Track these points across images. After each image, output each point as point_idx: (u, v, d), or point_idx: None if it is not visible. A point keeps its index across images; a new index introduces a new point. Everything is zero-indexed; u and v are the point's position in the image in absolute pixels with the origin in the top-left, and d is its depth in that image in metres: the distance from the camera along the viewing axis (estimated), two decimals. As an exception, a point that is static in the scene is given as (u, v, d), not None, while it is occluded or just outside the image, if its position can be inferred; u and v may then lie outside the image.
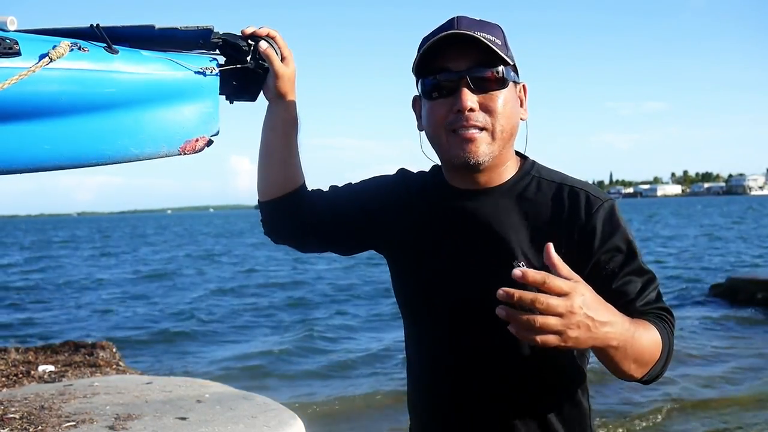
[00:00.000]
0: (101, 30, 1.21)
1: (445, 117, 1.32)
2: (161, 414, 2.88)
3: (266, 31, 1.38)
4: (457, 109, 1.30)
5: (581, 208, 1.33)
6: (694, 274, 16.81)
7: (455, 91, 1.30)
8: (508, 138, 1.35)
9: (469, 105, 1.29)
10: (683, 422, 6.08)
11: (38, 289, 18.18)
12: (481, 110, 1.31)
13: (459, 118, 1.30)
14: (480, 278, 1.35)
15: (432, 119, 1.35)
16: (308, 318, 12.21)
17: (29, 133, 1.15)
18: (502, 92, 1.32)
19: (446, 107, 1.32)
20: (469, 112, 1.30)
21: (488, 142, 1.32)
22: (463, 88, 1.30)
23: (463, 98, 1.29)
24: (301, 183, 1.51)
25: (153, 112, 1.28)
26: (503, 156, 1.37)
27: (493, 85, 1.31)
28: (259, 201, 1.54)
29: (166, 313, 13.36)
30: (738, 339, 9.34)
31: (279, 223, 1.53)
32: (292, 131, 1.48)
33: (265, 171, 1.50)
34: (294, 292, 16.04)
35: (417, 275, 1.44)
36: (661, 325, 1.29)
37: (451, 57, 1.31)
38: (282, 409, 3.00)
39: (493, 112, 1.31)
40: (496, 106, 1.31)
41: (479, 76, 1.30)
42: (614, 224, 1.34)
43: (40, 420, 2.82)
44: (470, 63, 1.30)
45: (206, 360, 9.11)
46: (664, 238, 30.85)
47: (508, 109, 1.33)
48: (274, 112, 1.46)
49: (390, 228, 1.48)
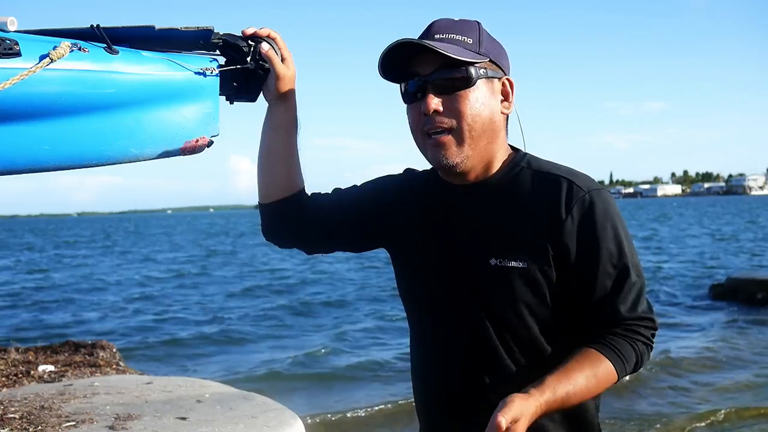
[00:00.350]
0: (101, 30, 1.21)
1: (418, 120, 1.37)
2: (161, 414, 2.88)
3: (267, 31, 1.38)
4: (423, 113, 1.34)
5: (562, 198, 1.33)
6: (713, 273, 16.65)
7: (424, 95, 1.35)
8: (479, 135, 1.35)
9: (432, 108, 1.33)
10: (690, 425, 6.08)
11: (65, 289, 18.03)
12: (446, 111, 1.34)
13: (427, 120, 1.35)
14: (460, 274, 1.38)
15: (410, 123, 1.41)
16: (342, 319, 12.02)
17: (29, 134, 1.15)
18: (467, 92, 1.34)
19: (417, 110, 1.37)
20: (433, 115, 1.33)
21: (456, 144, 1.34)
22: (429, 92, 1.34)
23: (427, 102, 1.33)
24: (302, 185, 1.52)
25: (153, 112, 1.28)
26: (484, 153, 1.38)
27: (457, 85, 1.33)
28: (261, 204, 1.53)
29: (194, 315, 13.11)
30: (737, 339, 9.34)
31: (283, 225, 1.53)
32: (293, 132, 1.49)
33: (267, 173, 1.50)
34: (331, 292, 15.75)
35: (411, 272, 1.49)
36: (623, 346, 1.31)
37: (419, 62, 1.35)
38: (282, 409, 3.00)
39: (458, 113, 1.33)
40: (460, 107, 1.33)
41: (442, 79, 1.33)
42: (594, 215, 1.32)
43: (40, 420, 2.82)
44: (434, 67, 1.34)
45: (247, 365, 8.72)
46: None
47: (477, 108, 1.34)
48: (274, 113, 1.47)
49: (394, 226, 1.51)
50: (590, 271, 1.32)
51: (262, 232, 1.57)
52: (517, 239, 1.34)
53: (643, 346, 1.33)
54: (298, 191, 1.51)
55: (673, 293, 13.56)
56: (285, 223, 1.53)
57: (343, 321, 11.83)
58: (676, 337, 9.50)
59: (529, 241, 1.33)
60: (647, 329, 1.34)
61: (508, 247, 1.34)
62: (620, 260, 1.32)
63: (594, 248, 1.32)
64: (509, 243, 1.34)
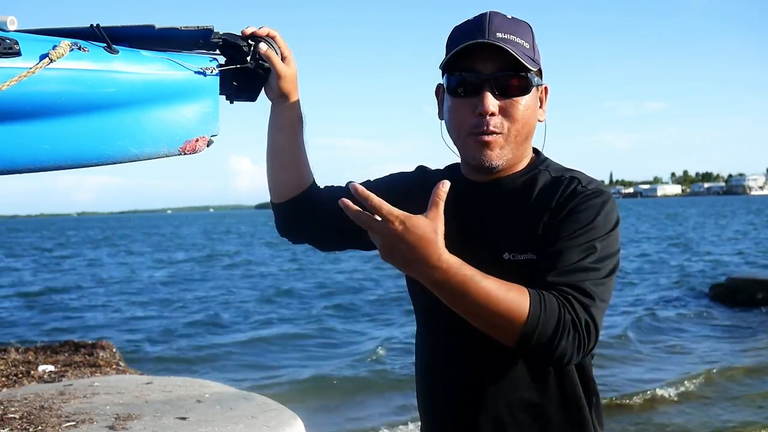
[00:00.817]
0: (101, 30, 1.21)
1: (466, 119, 1.34)
2: (161, 414, 2.88)
3: (266, 31, 1.38)
4: (479, 112, 1.32)
5: (566, 193, 1.33)
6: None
7: (479, 93, 1.32)
8: (522, 141, 1.37)
9: (490, 109, 1.31)
10: (679, 417, 6.08)
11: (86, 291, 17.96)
12: (501, 114, 1.33)
13: (480, 121, 1.32)
14: (479, 269, 1.36)
15: (454, 118, 1.38)
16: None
17: (29, 133, 1.15)
18: (523, 98, 1.33)
19: (468, 108, 1.33)
20: (489, 117, 1.32)
21: (501, 146, 1.34)
22: (486, 91, 1.31)
23: (485, 102, 1.31)
24: (312, 180, 1.53)
25: (153, 112, 1.28)
26: (517, 156, 1.39)
27: (515, 91, 1.33)
28: (273, 203, 1.54)
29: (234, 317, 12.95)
30: (736, 338, 9.34)
31: (297, 223, 1.54)
32: (299, 130, 1.49)
33: (276, 172, 1.51)
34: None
35: None
36: (549, 297, 1.17)
37: (478, 58, 1.32)
38: (282, 409, 3.00)
39: (512, 118, 1.33)
40: (515, 112, 1.33)
41: (503, 82, 1.32)
42: (586, 205, 1.30)
43: (40, 420, 2.82)
44: (496, 67, 1.31)
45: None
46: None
47: (528, 115, 1.35)
48: (279, 112, 1.47)
49: None
50: (554, 242, 1.27)
51: (276, 228, 1.59)
52: (526, 233, 1.34)
53: (570, 321, 1.17)
54: (308, 188, 1.52)
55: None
56: (298, 221, 1.54)
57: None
58: (674, 336, 9.51)
59: (536, 234, 1.33)
60: (583, 311, 1.19)
61: (519, 242, 1.34)
62: (588, 246, 1.26)
63: (568, 224, 1.28)
64: (520, 238, 1.34)
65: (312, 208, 1.51)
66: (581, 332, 1.18)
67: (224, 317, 12.84)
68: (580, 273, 1.23)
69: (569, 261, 1.24)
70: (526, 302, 1.15)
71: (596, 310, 1.21)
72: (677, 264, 19.52)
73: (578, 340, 1.18)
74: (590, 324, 1.20)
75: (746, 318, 10.66)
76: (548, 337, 1.16)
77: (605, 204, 1.32)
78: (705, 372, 7.59)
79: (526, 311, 1.15)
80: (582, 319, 1.19)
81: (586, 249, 1.26)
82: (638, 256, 22.24)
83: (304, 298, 15.23)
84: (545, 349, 1.16)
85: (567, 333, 1.17)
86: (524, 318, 1.15)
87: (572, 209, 1.31)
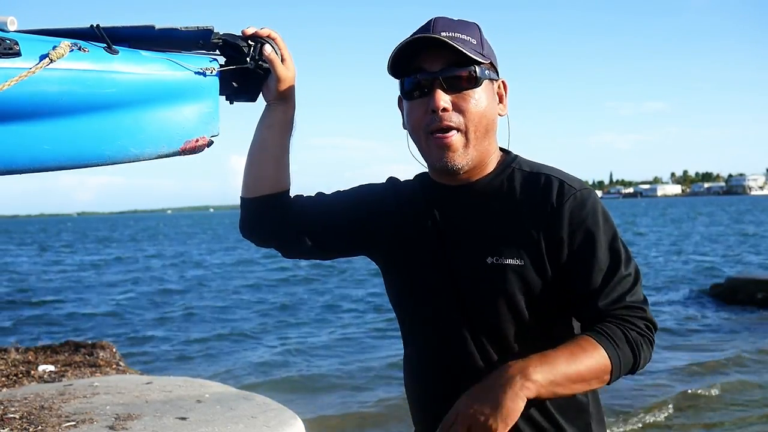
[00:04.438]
0: (101, 30, 1.21)
1: (422, 118, 1.36)
2: (161, 414, 2.88)
3: (267, 32, 1.38)
4: (431, 109, 1.34)
5: (553, 195, 1.35)
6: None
7: (431, 92, 1.34)
8: (483, 135, 1.37)
9: (442, 105, 1.33)
10: (685, 418, 6.09)
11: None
12: (454, 110, 1.34)
13: (434, 118, 1.34)
14: (457, 273, 1.38)
15: (411, 120, 1.39)
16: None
17: (29, 134, 1.15)
18: (475, 91, 1.35)
19: (423, 107, 1.36)
20: (442, 112, 1.33)
21: (463, 145, 1.35)
22: (437, 88, 1.33)
23: (436, 98, 1.33)
24: (288, 186, 1.52)
25: (153, 112, 1.28)
26: (482, 153, 1.39)
27: (464, 83, 1.34)
28: (244, 198, 1.51)
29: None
30: (736, 339, 9.34)
31: (265, 222, 1.51)
32: (287, 132, 1.49)
33: (255, 167, 1.49)
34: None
35: (406, 276, 1.47)
36: (616, 334, 1.27)
37: (426, 58, 1.34)
38: (282, 409, 3.00)
39: (466, 112, 1.34)
40: (468, 106, 1.34)
41: (452, 76, 1.34)
42: (586, 211, 1.34)
43: (40, 420, 2.82)
44: (443, 64, 1.34)
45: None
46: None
47: (482, 108, 1.36)
48: (272, 113, 1.47)
49: (381, 233, 1.50)
50: (584, 264, 1.32)
51: (239, 228, 1.55)
52: (512, 237, 1.35)
53: (638, 336, 1.29)
54: (283, 191, 1.50)
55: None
56: (266, 221, 1.51)
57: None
58: (675, 335, 9.51)
59: (524, 239, 1.34)
60: (640, 320, 1.31)
61: (503, 246, 1.35)
62: (612, 253, 1.33)
63: (587, 242, 1.33)
64: (504, 241, 1.35)
65: (281, 210, 1.49)
66: (648, 337, 1.31)
67: (231, 319, 12.83)
68: (619, 287, 1.31)
69: (608, 280, 1.31)
70: (603, 355, 1.25)
71: (646, 307, 1.33)
72: (677, 264, 19.51)
73: (649, 343, 1.31)
74: (650, 325, 1.32)
75: (746, 318, 10.66)
76: (631, 364, 1.29)
77: (597, 201, 1.36)
78: (705, 371, 7.61)
79: (609, 363, 1.26)
80: (643, 327, 1.30)
81: (613, 258, 1.33)
82: (636, 255, 22.16)
83: (305, 298, 15.22)
84: (632, 372, 1.31)
85: (641, 347, 1.29)
86: (609, 369, 1.26)
87: (581, 223, 1.33)
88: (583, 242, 1.33)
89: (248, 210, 1.52)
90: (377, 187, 1.57)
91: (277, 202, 1.49)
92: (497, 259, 1.34)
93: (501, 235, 1.36)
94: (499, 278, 1.34)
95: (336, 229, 1.52)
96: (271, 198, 1.49)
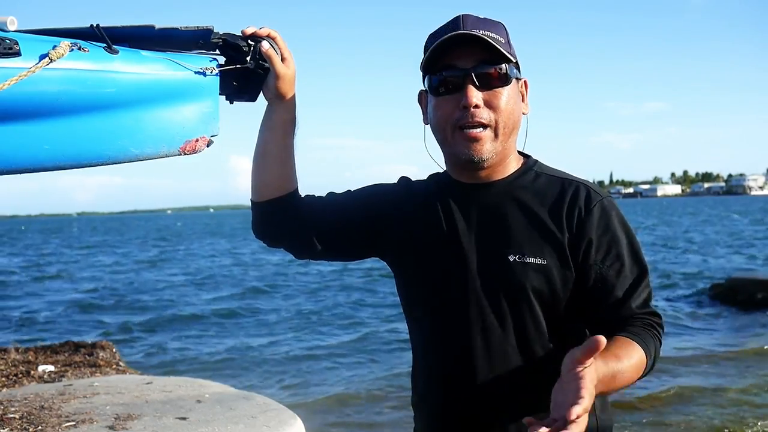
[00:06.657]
0: (101, 30, 1.21)
1: (451, 113, 1.36)
2: (161, 414, 2.88)
3: (267, 31, 1.38)
4: (463, 106, 1.34)
5: (581, 201, 1.38)
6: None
7: (461, 88, 1.35)
8: (510, 133, 1.39)
9: (474, 101, 1.34)
10: (682, 413, 6.09)
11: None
12: (486, 107, 1.35)
13: (465, 114, 1.35)
14: (481, 270, 1.39)
15: (438, 115, 1.39)
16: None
17: (29, 133, 1.15)
18: (505, 89, 1.37)
19: (452, 104, 1.36)
20: (474, 109, 1.34)
21: (492, 140, 1.37)
22: (469, 85, 1.34)
23: (468, 95, 1.34)
24: (296, 185, 1.52)
25: (153, 112, 1.28)
26: (506, 151, 1.41)
27: (496, 82, 1.36)
28: (254, 202, 1.52)
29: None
30: (735, 338, 9.34)
31: (275, 224, 1.52)
32: (291, 132, 1.49)
33: (262, 171, 1.50)
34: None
35: (422, 276, 1.46)
36: (646, 337, 1.33)
37: (457, 55, 1.35)
38: (282, 409, 3.00)
39: (497, 109, 1.36)
40: (499, 103, 1.36)
41: (484, 74, 1.35)
42: (612, 218, 1.38)
43: (40, 420, 2.82)
44: (475, 61, 1.34)
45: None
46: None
47: (511, 105, 1.38)
48: (273, 112, 1.46)
49: (394, 233, 1.50)
50: (611, 270, 1.36)
51: (252, 229, 1.57)
52: (535, 237, 1.37)
53: (657, 335, 1.36)
54: (291, 191, 1.50)
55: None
56: (276, 223, 1.52)
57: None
58: (675, 336, 9.51)
59: (548, 240, 1.36)
60: (659, 325, 1.38)
61: (527, 244, 1.36)
62: (637, 260, 1.38)
63: (614, 248, 1.37)
64: (528, 240, 1.37)
65: (291, 211, 1.49)
66: (660, 339, 1.38)
67: (227, 316, 12.83)
68: (644, 292, 1.38)
69: (636, 285, 1.37)
70: (643, 356, 1.31)
71: (656, 310, 1.40)
72: (677, 264, 19.52)
73: (661, 343, 1.38)
74: (661, 323, 1.39)
75: (746, 318, 10.65)
76: (652, 364, 1.35)
77: (619, 209, 1.41)
78: (705, 371, 7.61)
79: (647, 362, 1.32)
80: (658, 325, 1.38)
81: (638, 264, 1.38)
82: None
83: (305, 300, 15.20)
84: (648, 373, 1.37)
85: (659, 350, 1.37)
86: (643, 368, 1.32)
87: (608, 230, 1.37)
88: (610, 247, 1.37)
89: (258, 213, 1.53)
90: (389, 187, 1.56)
91: (285, 203, 1.49)
92: (519, 257, 1.36)
93: (524, 235, 1.37)
94: (522, 276, 1.35)
95: (347, 230, 1.52)
96: (279, 200, 1.49)
